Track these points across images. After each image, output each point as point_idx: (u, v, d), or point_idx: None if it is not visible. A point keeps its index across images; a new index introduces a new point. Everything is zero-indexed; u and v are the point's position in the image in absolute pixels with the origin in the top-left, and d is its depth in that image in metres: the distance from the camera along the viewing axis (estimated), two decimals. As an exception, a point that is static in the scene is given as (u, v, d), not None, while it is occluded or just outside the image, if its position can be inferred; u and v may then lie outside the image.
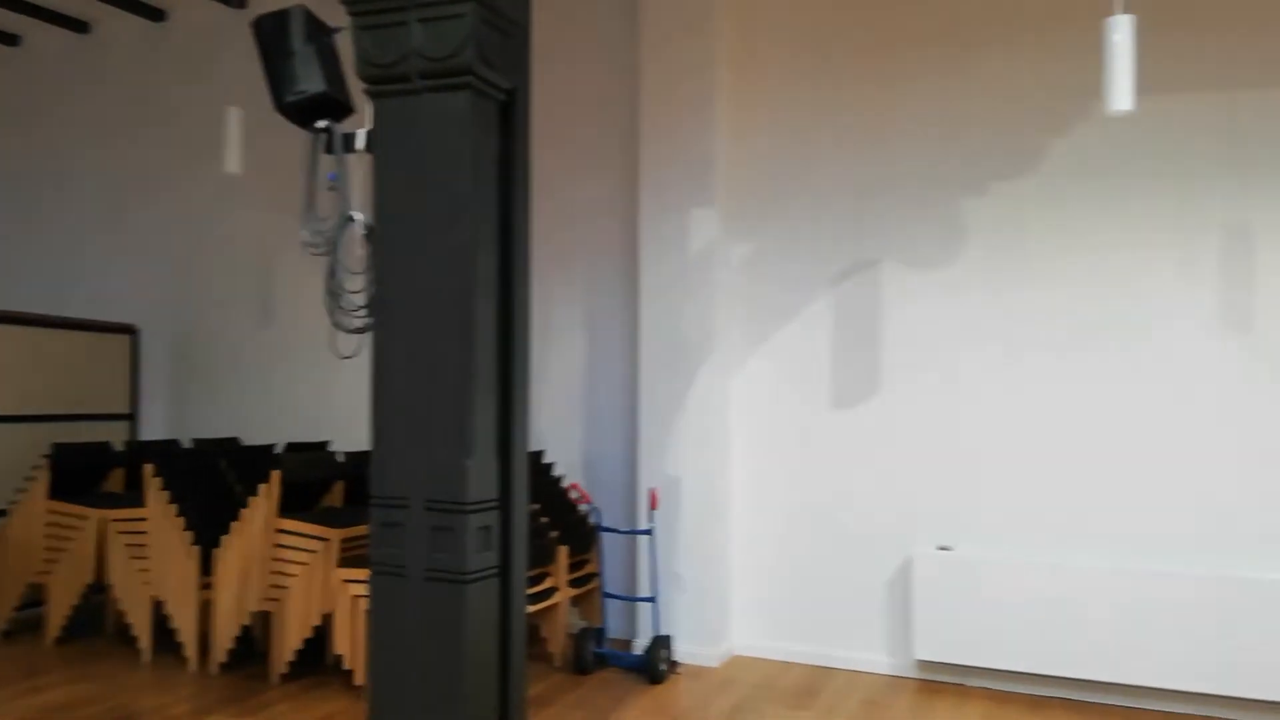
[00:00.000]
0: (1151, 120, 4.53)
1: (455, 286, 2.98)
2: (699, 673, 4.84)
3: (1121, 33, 3.77)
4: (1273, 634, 4.09)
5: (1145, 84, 4.55)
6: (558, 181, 5.75)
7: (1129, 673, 4.29)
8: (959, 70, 4.88)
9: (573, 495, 5.46)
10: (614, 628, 5.48)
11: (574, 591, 5.02)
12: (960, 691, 4.60)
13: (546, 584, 4.79)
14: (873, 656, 4.92)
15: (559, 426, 5.68)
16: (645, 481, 5.14)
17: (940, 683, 4.74)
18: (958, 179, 4.87)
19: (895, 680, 4.78)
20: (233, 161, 5.42)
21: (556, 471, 5.66)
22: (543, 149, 5.79)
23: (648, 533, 4.95)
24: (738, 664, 5.02)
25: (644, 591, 5.09)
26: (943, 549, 4.73)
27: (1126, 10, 4.58)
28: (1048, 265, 4.69)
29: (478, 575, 3.00)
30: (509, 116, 3.21)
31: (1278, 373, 4.29)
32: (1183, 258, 4.46)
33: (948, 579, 4.61)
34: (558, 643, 4.92)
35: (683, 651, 5.01)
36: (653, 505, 4.91)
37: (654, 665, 4.62)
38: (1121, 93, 3.79)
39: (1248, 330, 4.34)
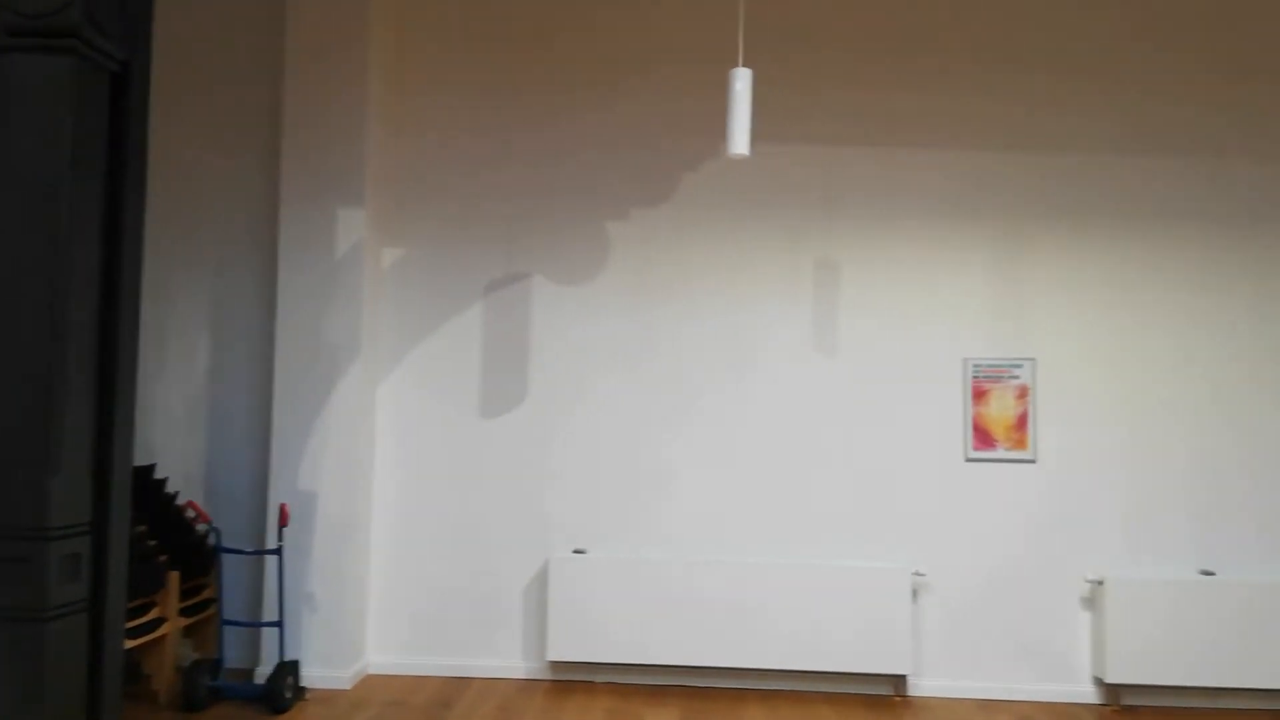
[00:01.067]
0: (765, 164, 5.11)
1: (42, 283, 2.56)
2: (329, 697, 4.60)
3: (742, 83, 4.20)
4: (858, 614, 4.78)
5: (761, 132, 5.12)
6: (184, 161, 5.19)
7: (737, 656, 4.78)
8: (608, 103, 5.16)
9: (189, 514, 4.94)
10: (235, 657, 5.03)
11: (186, 621, 4.54)
12: (589, 689, 4.83)
13: (152, 614, 4.28)
14: (510, 662, 5.00)
15: (176, 437, 5.11)
16: (277, 497, 4.80)
17: (572, 681, 4.93)
18: (604, 203, 5.14)
19: (530, 683, 4.90)
20: None
21: (171, 488, 5.08)
22: (167, 124, 5.19)
23: (276, 552, 4.61)
24: (372, 683, 4.84)
25: (270, 616, 4.73)
26: (578, 552, 4.94)
27: (747, 64, 5.13)
28: (677, 288, 5.10)
29: (62, 611, 2.60)
30: (123, 91, 2.83)
31: (859, 391, 5.03)
32: (786, 289, 5.08)
33: (581, 581, 4.82)
34: (164, 679, 4.41)
35: (312, 676, 4.73)
36: (283, 522, 4.59)
37: (277, 694, 4.30)
38: (740, 138, 4.21)
39: (833, 353, 5.05)
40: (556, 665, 4.97)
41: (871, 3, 5.14)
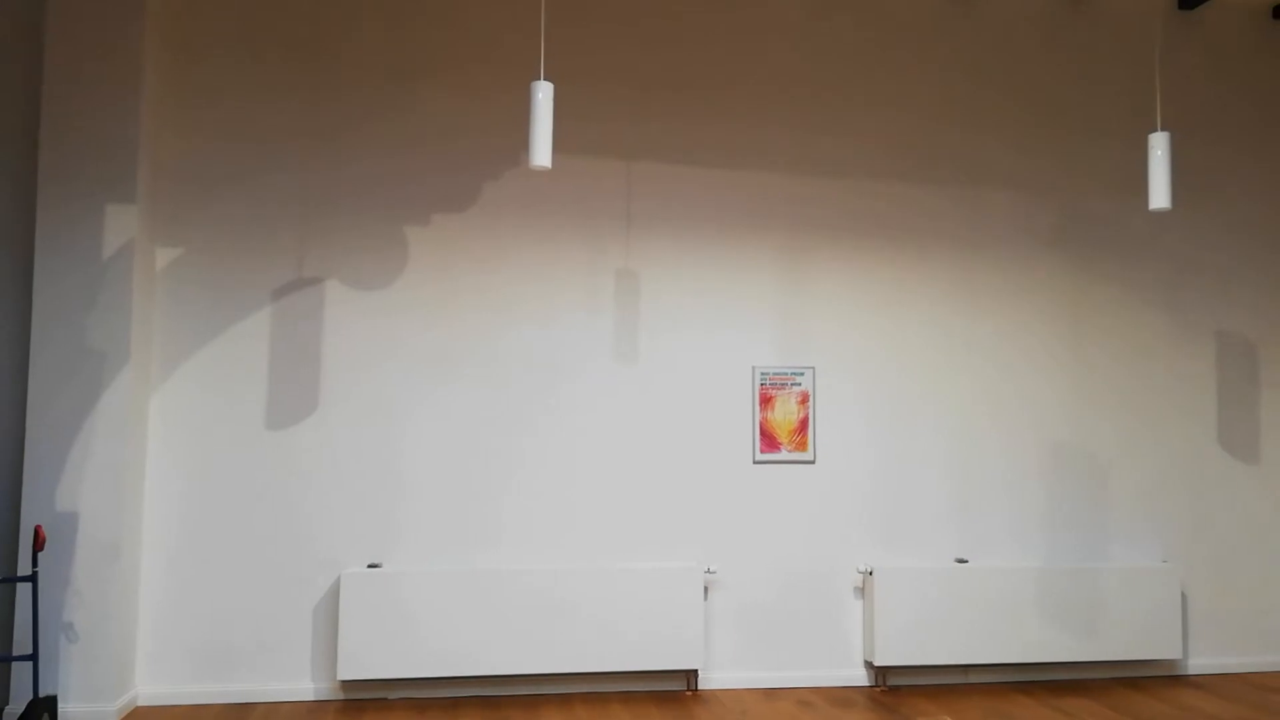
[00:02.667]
0: (567, 174, 5.18)
1: None
2: (92, 733, 4.24)
3: (543, 95, 4.24)
4: (653, 612, 4.92)
5: (562, 145, 5.19)
6: (-85, 149, 4.63)
7: (535, 663, 4.81)
8: (406, 103, 5.06)
9: (-78, 539, 4.41)
10: (-22, 696, 4.53)
11: (-82, 659, 4.05)
12: (382, 706, 4.71)
13: (-126, 655, 3.78)
14: (298, 685, 4.79)
15: (-96, 454, 4.54)
16: (31, 518, 4.37)
17: (363, 700, 4.80)
18: (401, 205, 5.03)
19: (319, 705, 4.71)
20: None
21: (-102, 510, 4.51)
22: (-107, 106, 4.61)
23: (29, 579, 4.20)
24: (142, 715, 4.50)
25: (22, 649, 4.30)
26: (372, 566, 4.81)
27: (548, 76, 5.18)
28: (477, 295, 5.08)
29: None
30: None
31: (656, 398, 5.19)
32: (588, 298, 5.18)
33: (375, 596, 4.70)
34: (-111, 727, 3.92)
35: (73, 712, 4.34)
36: (38, 546, 4.18)
37: (30, 734, 3.92)
38: (541, 150, 4.25)
39: (634, 361, 5.19)
40: (348, 684, 4.81)
41: (669, 32, 5.33)
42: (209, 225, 4.87)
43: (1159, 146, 4.49)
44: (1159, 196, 4.49)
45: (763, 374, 5.28)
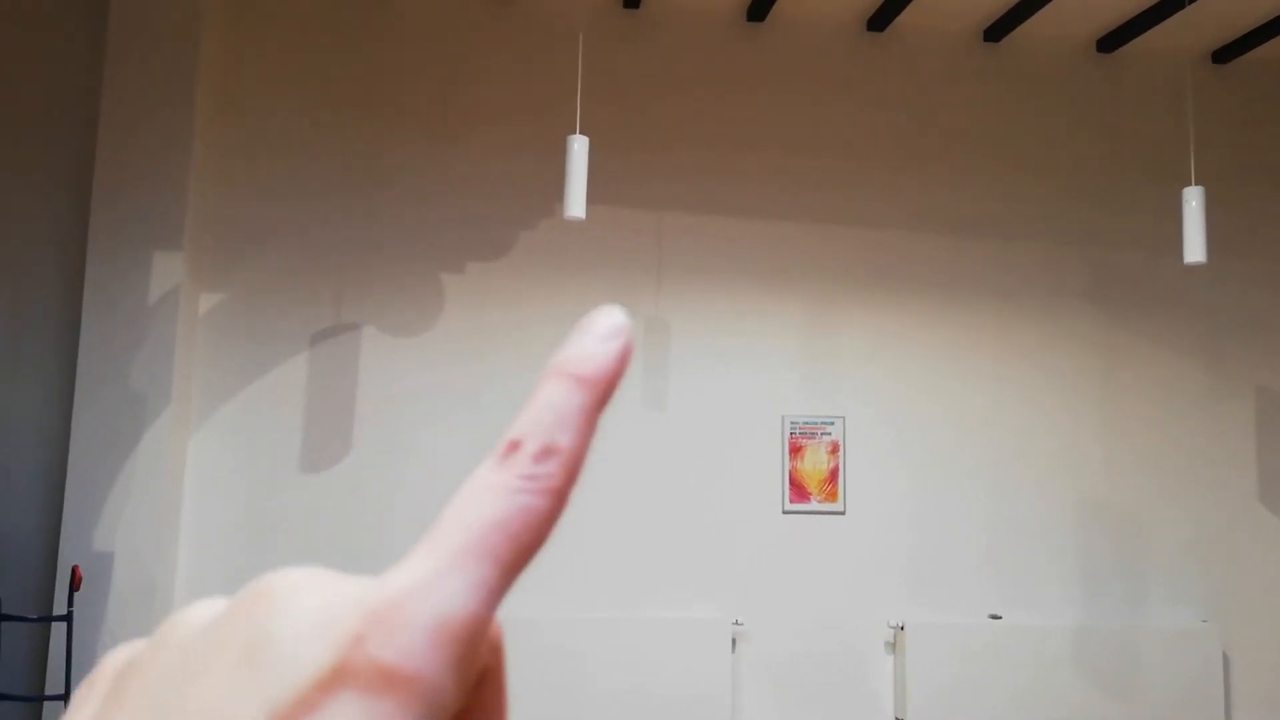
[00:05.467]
0: (599, 225, 5.26)
1: None
2: (122, 775, 4.26)
3: (579, 147, 4.34)
4: (679, 664, 4.88)
5: (595, 196, 5.27)
6: (-26, 197, 4.80)
7: (557, 715, 4.78)
8: (443, 156, 5.18)
9: (-36, 577, 4.49)
10: (11, 735, 4.58)
11: (-45, 697, 4.11)
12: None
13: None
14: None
15: (-49, 492, 4.65)
16: (69, 558, 4.44)
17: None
18: (438, 254, 5.13)
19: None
20: None
21: (-58, 548, 4.61)
22: (-45, 156, 4.80)
23: (65, 619, 4.26)
24: (172, 758, 4.52)
25: (55, 689, 4.35)
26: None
27: (584, 132, 5.29)
28: (512, 343, 5.14)
29: None
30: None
31: (685, 446, 5.20)
32: (617, 346, 5.21)
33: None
34: (-75, 765, 3.96)
35: (102, 753, 4.37)
36: (75, 586, 4.25)
37: (62, 775, 3.94)
38: (576, 201, 4.34)
39: (663, 409, 5.21)
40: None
41: (704, 90, 5.43)
42: (249, 273, 4.99)
43: (1193, 199, 4.49)
44: (1194, 250, 4.47)
45: (792, 423, 5.27)
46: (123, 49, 4.68)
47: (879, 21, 5.43)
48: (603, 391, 0.24)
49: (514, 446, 0.23)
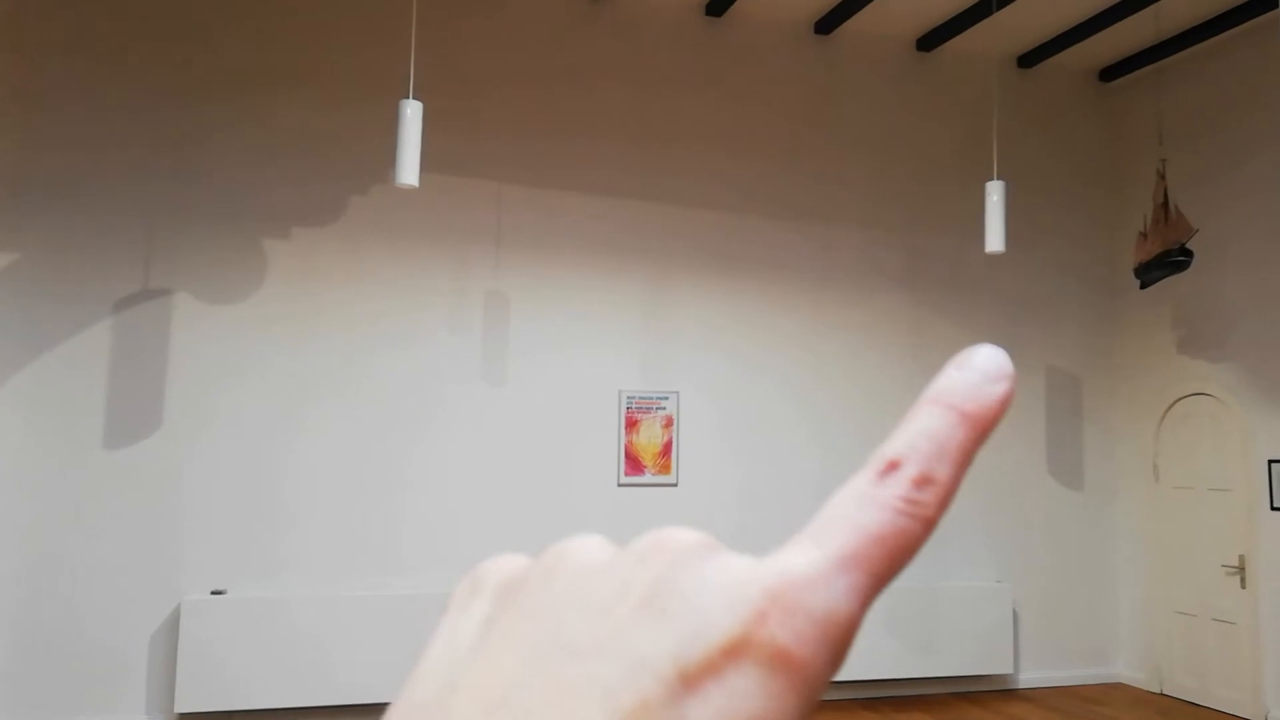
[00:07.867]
0: (434, 194, 5.14)
1: None
2: (-114, 780, 3.86)
3: (412, 112, 4.20)
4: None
5: (431, 164, 5.15)
6: None
7: (384, 692, 4.68)
8: (264, 111, 4.92)
9: None
10: None
11: None
12: (227, 740, 4.48)
13: None
14: (131, 718, 4.50)
15: None
16: None
17: (206, 735, 4.55)
18: (258, 218, 4.87)
19: (155, 741, 4.44)
20: None
21: None
22: None
23: None
24: (-52, 759, 4.13)
25: None
26: (216, 593, 4.59)
27: (417, 97, 5.15)
28: (343, 312, 4.96)
29: None
30: None
31: (523, 420, 5.18)
32: (456, 318, 5.13)
33: (218, 624, 4.48)
34: None
35: None
36: None
37: None
38: (409, 169, 4.21)
39: (502, 383, 5.17)
40: (186, 718, 4.55)
41: (544, 64, 5.39)
42: (47, 231, 4.58)
43: (994, 193, 4.85)
44: (994, 240, 4.83)
45: (629, 398, 5.35)
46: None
47: (717, 7, 5.56)
48: (984, 432, 0.25)
49: (893, 466, 0.24)
